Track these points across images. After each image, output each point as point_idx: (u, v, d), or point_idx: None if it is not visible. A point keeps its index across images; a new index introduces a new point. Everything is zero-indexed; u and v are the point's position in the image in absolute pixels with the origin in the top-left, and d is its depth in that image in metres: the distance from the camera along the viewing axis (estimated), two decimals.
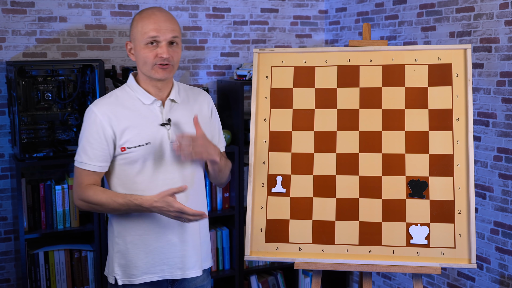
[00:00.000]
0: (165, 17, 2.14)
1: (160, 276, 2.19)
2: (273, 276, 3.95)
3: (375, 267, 2.28)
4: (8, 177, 3.47)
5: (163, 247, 2.18)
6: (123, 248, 2.18)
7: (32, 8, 3.45)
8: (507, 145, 3.01)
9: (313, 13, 4.16)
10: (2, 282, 3.53)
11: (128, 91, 2.20)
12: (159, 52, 2.11)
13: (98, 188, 2.15)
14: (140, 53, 2.13)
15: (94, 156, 2.14)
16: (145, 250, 2.17)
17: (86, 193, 2.13)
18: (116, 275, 2.19)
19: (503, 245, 3.07)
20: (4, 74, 3.41)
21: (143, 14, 2.15)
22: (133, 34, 2.15)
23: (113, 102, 2.17)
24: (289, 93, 2.43)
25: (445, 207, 2.27)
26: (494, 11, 3.02)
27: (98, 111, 2.14)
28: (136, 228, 2.17)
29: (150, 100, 2.18)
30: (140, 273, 2.18)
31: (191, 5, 3.81)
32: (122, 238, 2.19)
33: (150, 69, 2.14)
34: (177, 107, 2.23)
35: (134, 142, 2.14)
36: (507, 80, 2.99)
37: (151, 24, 2.11)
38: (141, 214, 2.15)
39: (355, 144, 2.35)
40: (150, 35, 2.10)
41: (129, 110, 2.16)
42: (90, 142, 2.14)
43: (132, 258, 2.17)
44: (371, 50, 2.42)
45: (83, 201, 2.15)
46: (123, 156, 2.15)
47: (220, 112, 3.90)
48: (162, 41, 2.11)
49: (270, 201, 2.35)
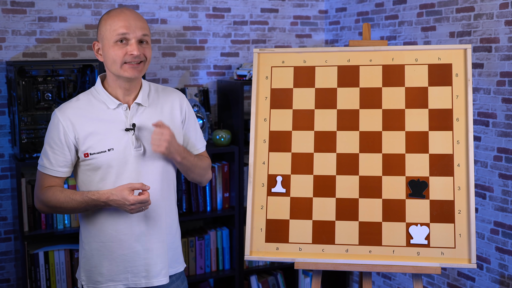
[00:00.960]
0: (134, 15, 2.09)
1: (124, 284, 2.17)
2: (273, 276, 3.95)
3: (375, 267, 2.28)
4: (8, 177, 3.47)
5: (127, 255, 2.15)
6: (89, 254, 2.17)
7: (32, 8, 3.45)
8: (507, 145, 3.01)
9: (313, 13, 4.16)
10: (2, 282, 3.53)
11: (94, 95, 2.15)
12: (129, 50, 2.05)
13: (57, 189, 2.12)
14: (108, 52, 2.07)
15: (55, 161, 2.12)
16: (109, 257, 2.15)
17: (45, 195, 2.12)
18: (82, 281, 2.19)
19: (503, 245, 3.07)
20: (4, 74, 3.41)
21: (111, 13, 2.10)
22: (101, 33, 2.09)
23: (78, 106, 2.13)
24: (289, 93, 2.43)
25: (445, 207, 2.27)
26: (494, 11, 3.02)
27: (61, 116, 2.10)
28: (101, 235, 2.15)
29: (115, 104, 2.12)
30: (104, 280, 2.16)
31: (191, 5, 3.81)
32: (88, 244, 2.17)
33: (119, 68, 2.07)
34: (144, 110, 2.16)
35: (97, 148, 2.09)
36: (507, 80, 2.99)
37: (120, 21, 2.05)
38: (105, 222, 2.13)
39: (355, 144, 2.35)
40: (119, 32, 2.05)
41: (93, 115, 2.11)
42: (51, 147, 2.12)
43: (96, 264, 2.16)
44: (371, 50, 2.42)
45: (43, 204, 2.14)
46: (86, 162, 2.12)
47: (220, 112, 3.90)
48: (132, 38, 2.06)
49: (270, 201, 2.35)
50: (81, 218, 2.20)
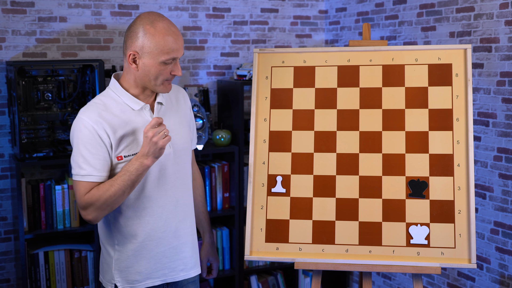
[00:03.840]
0: (178, 32, 2.06)
1: (162, 280, 2.19)
2: (273, 276, 3.95)
3: (375, 267, 2.28)
4: (8, 177, 3.47)
5: (165, 252, 2.18)
6: (124, 256, 2.15)
7: (32, 8, 3.45)
8: (507, 145, 3.01)
9: (313, 13, 4.16)
10: (2, 282, 3.53)
11: (113, 97, 2.11)
12: (174, 70, 2.06)
13: (96, 187, 2.05)
14: (152, 68, 2.03)
15: (100, 166, 2.04)
16: (146, 256, 2.16)
17: (89, 194, 2.03)
18: (116, 282, 2.16)
19: (503, 245, 3.07)
20: (4, 74, 3.41)
21: (158, 28, 2.02)
22: (145, 46, 2.02)
23: (102, 109, 2.07)
24: (289, 93, 2.43)
25: (445, 207, 2.27)
26: (494, 11, 3.02)
27: (90, 119, 2.04)
28: (137, 235, 2.14)
29: (139, 105, 2.11)
30: (143, 279, 2.17)
31: (191, 5, 3.81)
32: (123, 245, 2.15)
33: (160, 84, 2.07)
34: (164, 109, 2.18)
35: (131, 150, 2.08)
36: (507, 80, 2.99)
37: (171, 43, 2.02)
38: (142, 222, 2.13)
39: (355, 144, 2.35)
40: (171, 56, 2.02)
41: (119, 117, 2.08)
42: (91, 152, 2.04)
43: (133, 264, 2.15)
44: (371, 50, 2.42)
45: (94, 208, 2.03)
46: (118, 165, 2.08)
47: (220, 112, 3.90)
48: (177, 58, 2.06)
49: (270, 201, 2.35)
50: (112, 222, 2.16)
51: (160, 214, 2.15)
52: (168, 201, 2.17)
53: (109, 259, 2.18)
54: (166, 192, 2.16)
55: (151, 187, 2.13)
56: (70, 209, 3.32)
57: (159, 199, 2.15)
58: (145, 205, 2.13)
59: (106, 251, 2.19)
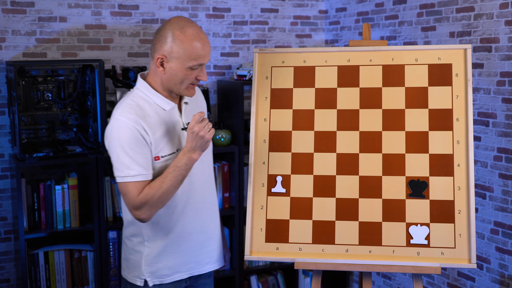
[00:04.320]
0: (206, 39, 2.12)
1: (189, 273, 2.28)
2: (273, 276, 3.95)
3: (375, 267, 2.28)
4: (8, 177, 3.47)
5: (193, 246, 2.26)
6: (154, 252, 2.22)
7: (32, 8, 3.45)
8: (507, 145, 3.01)
9: (313, 13, 4.16)
10: (2, 282, 3.53)
11: (144, 97, 2.15)
12: (200, 76, 2.13)
13: (148, 186, 2.08)
14: (178, 73, 2.10)
15: (146, 165, 2.09)
16: (176, 251, 2.23)
17: (143, 194, 2.07)
18: (146, 277, 2.22)
19: (503, 245, 3.07)
20: (4, 74, 3.41)
21: (187, 34, 2.07)
22: (174, 51, 2.07)
23: (137, 109, 2.11)
24: (289, 93, 2.43)
25: (445, 207, 2.27)
26: (494, 11, 3.02)
27: (129, 120, 2.07)
28: (168, 232, 2.21)
29: (170, 105, 2.17)
30: (171, 273, 2.24)
31: (191, 5, 3.81)
32: (153, 242, 2.21)
33: (185, 88, 2.14)
34: (189, 108, 2.26)
35: (167, 150, 2.14)
36: (507, 80, 2.99)
37: (201, 50, 2.08)
38: (172, 218, 2.19)
39: (355, 144, 2.35)
40: (199, 62, 2.09)
41: (153, 117, 2.12)
42: (135, 151, 2.07)
43: (163, 259, 2.22)
44: (371, 50, 2.42)
45: (147, 206, 2.07)
46: (155, 165, 2.13)
47: (220, 112, 3.90)
48: (204, 64, 2.13)
49: (270, 201, 2.35)
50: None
51: (190, 211, 2.23)
52: (197, 198, 2.25)
53: (138, 255, 2.23)
54: (195, 189, 2.24)
55: (182, 185, 2.18)
56: (70, 209, 3.32)
57: (189, 196, 2.23)
58: (177, 203, 2.20)
59: (134, 247, 2.25)
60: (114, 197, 3.43)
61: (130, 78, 3.40)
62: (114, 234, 3.37)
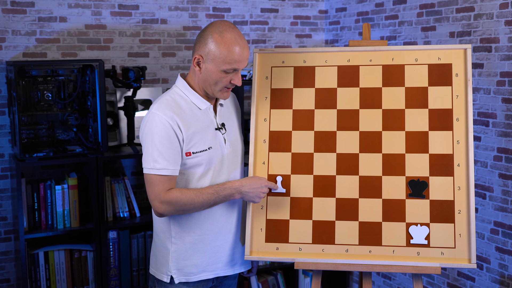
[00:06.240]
0: (244, 45, 2.15)
1: (215, 274, 2.29)
2: (273, 276, 3.95)
3: (375, 267, 2.28)
4: (8, 177, 3.47)
5: (220, 246, 2.28)
6: (182, 248, 2.24)
7: (32, 8, 3.45)
8: (507, 145, 3.01)
9: (313, 13, 4.16)
10: (2, 282, 3.53)
11: (181, 95, 2.22)
12: (235, 79, 2.17)
13: (183, 188, 2.16)
14: (213, 74, 2.15)
15: (174, 160, 2.14)
16: (203, 249, 2.25)
17: (173, 196, 2.13)
18: (173, 274, 2.24)
19: (503, 245, 3.07)
20: (4, 74, 3.41)
21: (226, 38, 2.12)
22: (211, 53, 2.13)
23: (174, 106, 2.17)
24: (289, 93, 2.43)
25: (445, 207, 2.27)
26: (494, 11, 3.02)
27: (164, 115, 2.13)
28: (197, 229, 2.23)
29: (206, 105, 2.22)
30: (198, 271, 2.26)
31: (191, 5, 3.81)
32: (180, 239, 2.24)
33: (218, 90, 2.18)
34: (223, 110, 2.30)
35: (199, 147, 2.18)
36: (507, 80, 2.99)
37: (237, 55, 2.12)
38: (199, 216, 2.22)
39: (355, 144, 2.35)
40: (234, 66, 2.13)
41: (188, 115, 2.18)
42: (165, 145, 2.12)
43: (190, 257, 2.24)
44: (371, 50, 2.42)
45: (171, 205, 2.13)
46: (186, 161, 2.17)
47: None
48: (239, 69, 2.16)
49: (270, 201, 2.35)
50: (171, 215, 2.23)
51: (219, 209, 2.25)
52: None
53: (165, 252, 2.26)
54: None
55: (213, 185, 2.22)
56: (70, 209, 3.32)
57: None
58: None
59: (162, 243, 2.28)
60: (114, 197, 3.43)
61: (130, 78, 3.39)
62: (114, 234, 3.37)
